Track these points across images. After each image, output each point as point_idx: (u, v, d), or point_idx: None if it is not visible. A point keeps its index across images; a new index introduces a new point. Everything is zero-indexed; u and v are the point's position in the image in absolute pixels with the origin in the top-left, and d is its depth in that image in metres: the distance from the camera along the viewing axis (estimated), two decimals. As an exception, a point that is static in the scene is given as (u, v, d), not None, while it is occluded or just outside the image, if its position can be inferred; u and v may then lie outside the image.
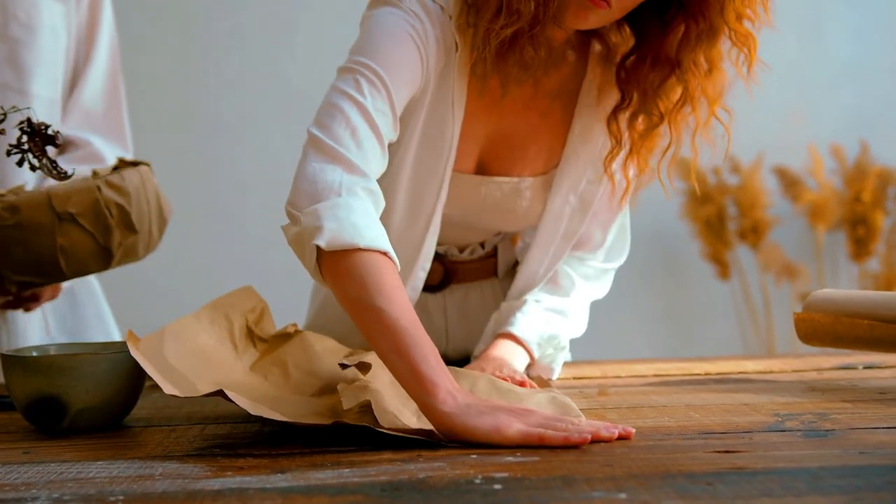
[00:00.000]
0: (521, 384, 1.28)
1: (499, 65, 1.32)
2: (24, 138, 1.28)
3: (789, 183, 3.60)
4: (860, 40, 3.84)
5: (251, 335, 1.31)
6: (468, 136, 1.40)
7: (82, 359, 1.12)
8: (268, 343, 1.32)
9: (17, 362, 1.12)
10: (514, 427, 1.00)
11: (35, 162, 1.28)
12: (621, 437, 1.02)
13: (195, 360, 1.18)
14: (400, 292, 1.11)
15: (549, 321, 1.47)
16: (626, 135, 1.41)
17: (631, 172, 1.43)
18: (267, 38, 3.68)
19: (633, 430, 1.03)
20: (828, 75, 3.82)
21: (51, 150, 1.31)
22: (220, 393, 1.05)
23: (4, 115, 1.26)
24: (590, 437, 0.99)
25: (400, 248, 1.30)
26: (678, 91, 1.37)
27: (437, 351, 1.08)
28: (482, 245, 1.56)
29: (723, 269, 3.64)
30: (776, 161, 3.66)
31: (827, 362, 1.51)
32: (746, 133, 3.88)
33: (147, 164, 1.56)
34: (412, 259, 1.42)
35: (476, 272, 1.57)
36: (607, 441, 1.01)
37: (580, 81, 1.44)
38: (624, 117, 1.40)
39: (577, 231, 1.48)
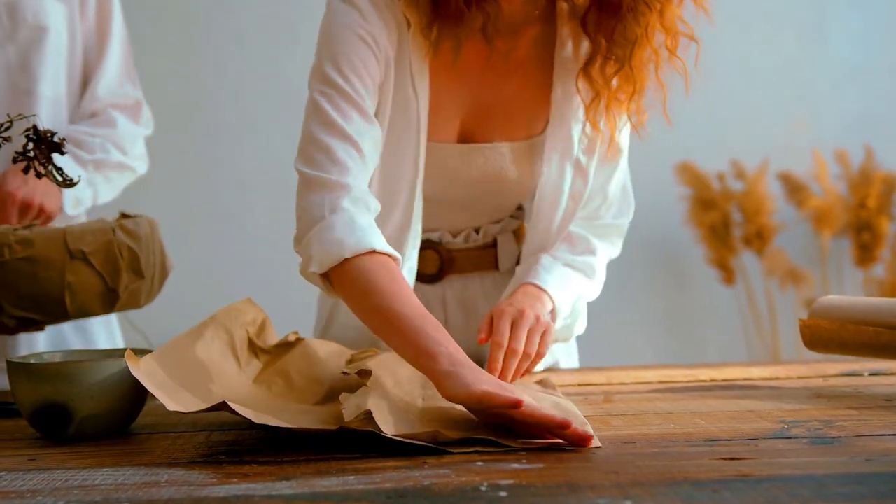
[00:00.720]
0: (538, 355, 1.30)
1: (439, 25, 1.36)
2: (30, 145, 1.29)
3: (794, 188, 3.60)
4: (862, 43, 3.84)
5: (253, 347, 1.31)
6: (442, 106, 1.43)
7: (88, 366, 1.12)
8: (270, 354, 1.33)
9: (23, 369, 1.12)
10: (482, 387, 1.03)
11: (41, 169, 1.29)
12: (578, 442, 1.01)
13: (197, 376, 1.18)
14: (394, 283, 1.17)
15: (571, 278, 1.48)
16: (601, 84, 1.43)
17: (622, 122, 1.46)
18: (267, 39, 3.69)
19: (595, 441, 1.02)
20: (831, 79, 3.82)
21: (57, 157, 1.31)
22: (223, 405, 1.05)
23: (11, 122, 1.27)
24: (536, 412, 1.00)
25: (387, 229, 1.39)
26: (634, 32, 1.38)
27: (436, 322, 1.13)
28: (477, 231, 1.56)
29: (728, 274, 3.64)
30: (780, 166, 3.66)
31: (832, 369, 1.51)
32: (751, 138, 3.90)
33: (155, 221, 1.58)
34: (402, 238, 1.43)
35: (474, 262, 1.57)
36: (561, 429, 1.00)
37: (554, 43, 1.46)
38: (595, 67, 1.42)
39: (582, 192, 1.49)
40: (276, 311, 1.41)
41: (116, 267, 1.47)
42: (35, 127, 1.28)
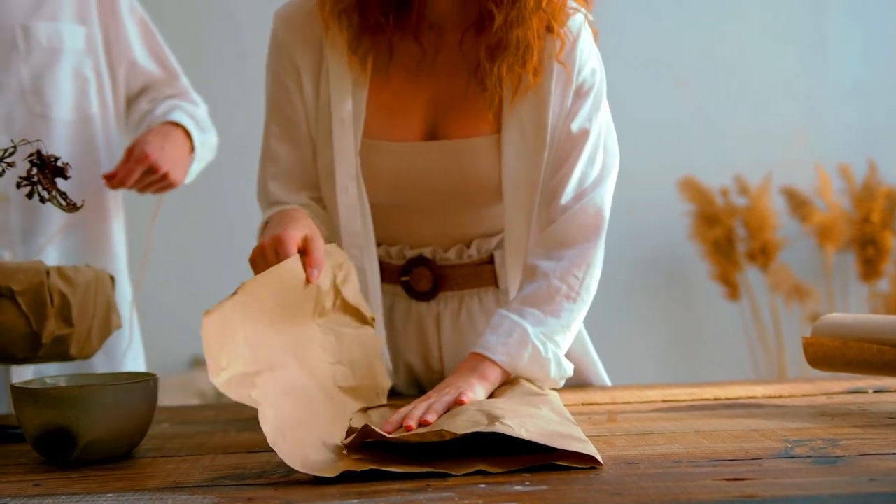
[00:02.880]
0: (460, 402, 1.21)
1: (368, 36, 1.43)
2: (34, 170, 1.29)
3: (797, 203, 3.61)
4: (865, 59, 3.85)
5: (337, 293, 1.34)
6: (395, 106, 1.46)
7: (93, 390, 1.12)
8: (345, 314, 1.36)
9: (28, 394, 1.13)
10: None
11: (45, 194, 1.29)
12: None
13: (262, 348, 1.17)
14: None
15: (522, 327, 1.36)
16: (491, 40, 1.41)
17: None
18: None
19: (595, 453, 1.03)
20: (833, 94, 3.83)
21: (61, 182, 1.32)
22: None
23: (14, 147, 1.27)
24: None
25: (348, 220, 1.47)
26: None
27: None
28: (468, 245, 1.55)
29: (732, 290, 3.64)
30: (784, 182, 3.67)
31: (837, 386, 1.50)
32: (754, 154, 3.90)
33: (111, 277, 1.51)
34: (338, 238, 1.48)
35: (470, 279, 1.56)
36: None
37: None
38: (474, 33, 1.43)
39: (535, 187, 1.44)
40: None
41: (43, 311, 1.37)
42: (39, 152, 1.29)
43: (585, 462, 1.02)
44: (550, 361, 1.36)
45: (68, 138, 1.77)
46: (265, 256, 1.28)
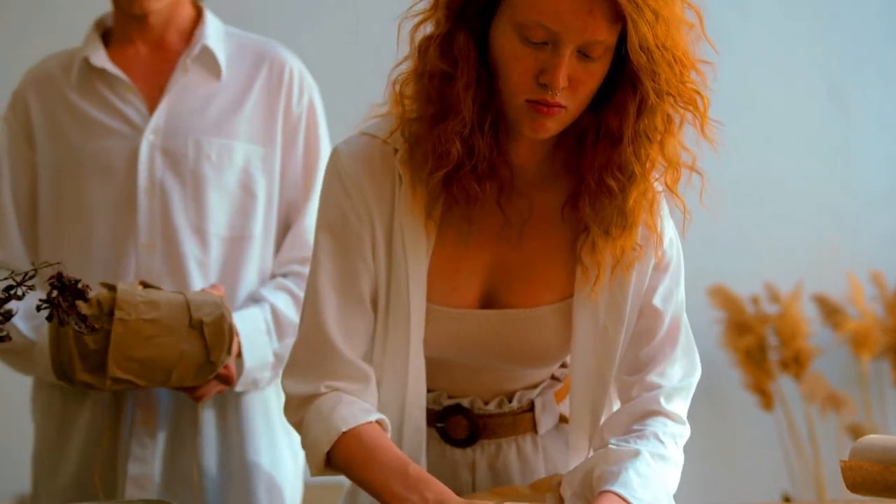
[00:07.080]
0: None
1: (449, 203, 1.33)
2: (55, 293, 1.29)
3: (829, 311, 3.56)
4: (893, 164, 3.84)
5: None
6: (456, 270, 1.37)
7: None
8: None
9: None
10: None
11: (64, 317, 1.28)
12: None
13: None
14: (365, 454, 1.30)
15: (659, 476, 1.40)
16: (591, 217, 1.35)
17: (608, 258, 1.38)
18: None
19: None
20: (863, 201, 3.81)
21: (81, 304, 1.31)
22: None
23: (35, 271, 1.27)
24: None
25: (385, 392, 1.38)
26: (630, 167, 1.32)
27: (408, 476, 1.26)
28: (510, 399, 1.47)
29: (766, 399, 3.57)
30: (815, 289, 3.63)
31: (878, 511, 1.45)
32: (783, 261, 3.87)
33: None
34: (400, 401, 1.38)
35: (509, 427, 1.48)
36: None
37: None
38: (584, 202, 1.35)
39: (610, 366, 1.40)
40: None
41: (221, 343, 1.48)
42: (60, 274, 1.28)
43: None
44: None
45: (221, 253, 1.77)
46: None
